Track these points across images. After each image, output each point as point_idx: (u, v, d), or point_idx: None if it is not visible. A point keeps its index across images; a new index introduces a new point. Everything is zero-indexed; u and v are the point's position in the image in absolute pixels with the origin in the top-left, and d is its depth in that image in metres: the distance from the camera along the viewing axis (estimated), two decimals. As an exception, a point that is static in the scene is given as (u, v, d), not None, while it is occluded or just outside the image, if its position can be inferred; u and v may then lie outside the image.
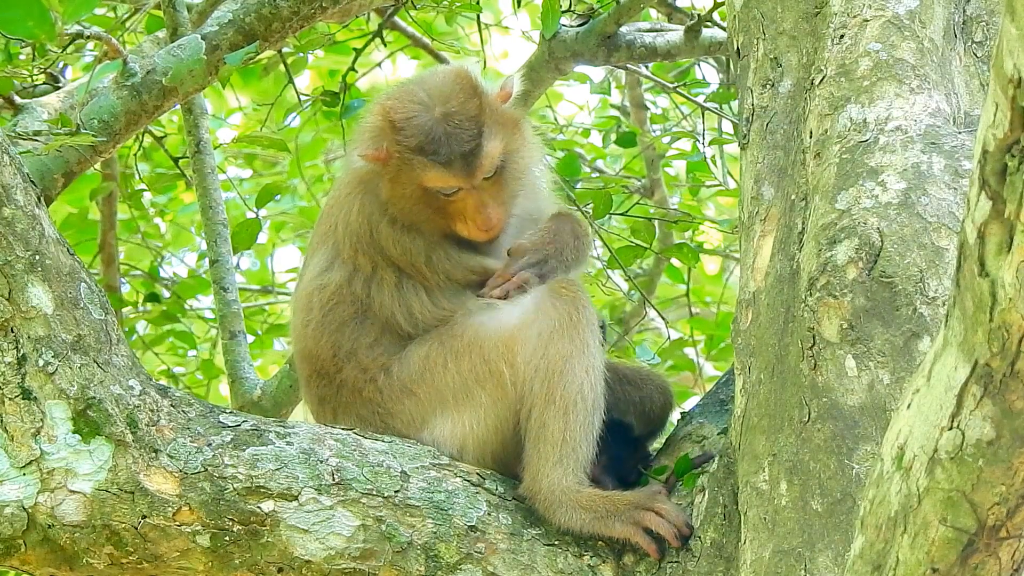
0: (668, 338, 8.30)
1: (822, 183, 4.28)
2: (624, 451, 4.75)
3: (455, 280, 4.75)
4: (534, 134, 4.96)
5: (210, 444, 4.37)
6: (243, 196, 8.26)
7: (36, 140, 5.44)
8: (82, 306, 4.36)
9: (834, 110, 4.35)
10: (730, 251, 9.17)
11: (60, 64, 6.42)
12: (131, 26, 7.49)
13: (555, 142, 8.29)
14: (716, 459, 4.44)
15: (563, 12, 6.86)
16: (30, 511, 4.28)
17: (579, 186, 7.15)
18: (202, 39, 5.79)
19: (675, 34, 6.95)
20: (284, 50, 7.21)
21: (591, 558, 4.42)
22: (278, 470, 4.36)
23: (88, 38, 6.17)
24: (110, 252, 8.48)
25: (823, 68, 4.40)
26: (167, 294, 8.87)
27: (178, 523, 4.31)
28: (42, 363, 4.30)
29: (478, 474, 4.51)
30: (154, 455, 4.33)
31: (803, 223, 4.31)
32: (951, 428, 3.34)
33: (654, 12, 7.57)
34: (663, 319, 8.21)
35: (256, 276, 9.91)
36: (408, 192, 4.71)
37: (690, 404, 4.94)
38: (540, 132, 5.29)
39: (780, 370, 4.23)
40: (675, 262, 7.71)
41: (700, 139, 7.33)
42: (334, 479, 4.37)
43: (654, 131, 8.70)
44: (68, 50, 6.55)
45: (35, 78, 6.13)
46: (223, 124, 8.77)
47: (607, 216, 6.70)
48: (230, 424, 4.42)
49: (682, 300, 8.85)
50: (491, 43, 8.96)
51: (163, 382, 4.57)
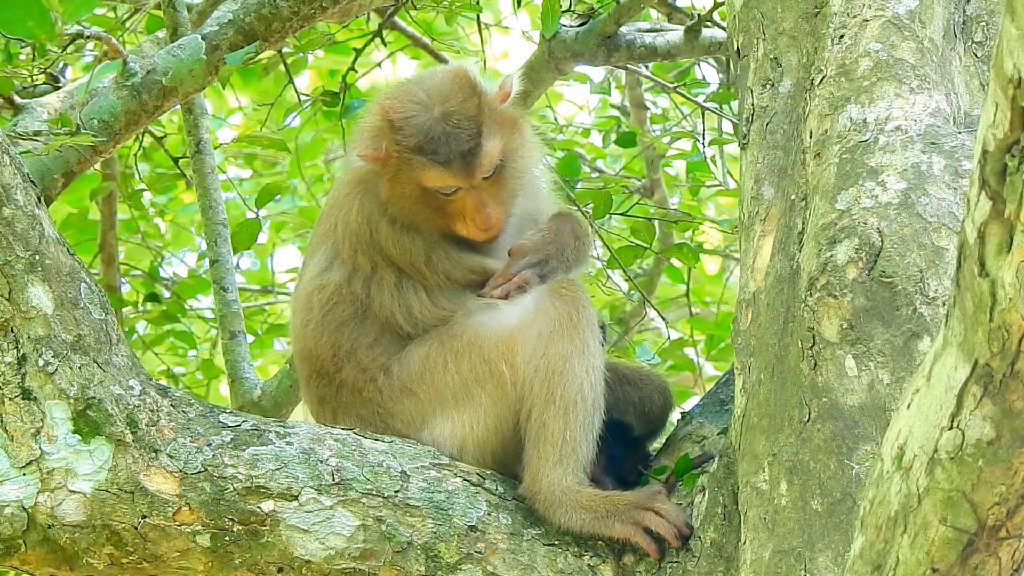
0: (668, 338, 8.30)
1: (822, 183, 4.28)
2: (624, 451, 4.75)
3: (455, 280, 4.75)
4: (533, 134, 4.96)
5: (210, 444, 4.36)
6: (243, 196, 8.25)
7: (36, 140, 5.43)
8: (82, 306, 4.36)
9: (834, 110, 4.34)
10: (730, 251, 9.16)
11: (60, 64, 6.41)
12: (131, 26, 7.49)
13: (555, 142, 8.28)
14: (716, 459, 4.43)
15: (563, 12, 6.86)
16: (30, 511, 4.28)
17: (579, 186, 7.14)
18: (202, 39, 5.79)
19: (675, 34, 6.94)
20: (284, 50, 7.20)
21: (591, 558, 4.42)
22: (278, 470, 4.36)
23: (88, 38, 6.17)
24: (110, 252, 8.47)
25: (823, 68, 4.40)
26: (167, 294, 8.87)
27: (178, 523, 4.31)
28: (42, 363, 4.30)
29: (478, 474, 4.51)
30: (154, 455, 4.33)
31: (803, 223, 4.30)
32: (951, 428, 3.34)
33: (654, 12, 7.57)
34: (663, 319, 8.21)
35: (256, 276, 9.90)
36: (407, 192, 4.71)
37: (690, 404, 4.94)
38: (540, 132, 5.28)
39: (780, 370, 4.23)
40: (675, 262, 7.71)
41: (700, 139, 7.32)
42: (334, 479, 4.37)
43: (654, 131, 8.69)
44: (68, 50, 6.54)
45: (35, 78, 6.12)
46: (223, 124, 8.76)
47: (607, 216, 6.69)
48: (230, 424, 4.42)
49: (682, 300, 8.85)
50: (491, 43, 8.96)
51: (163, 382, 4.57)
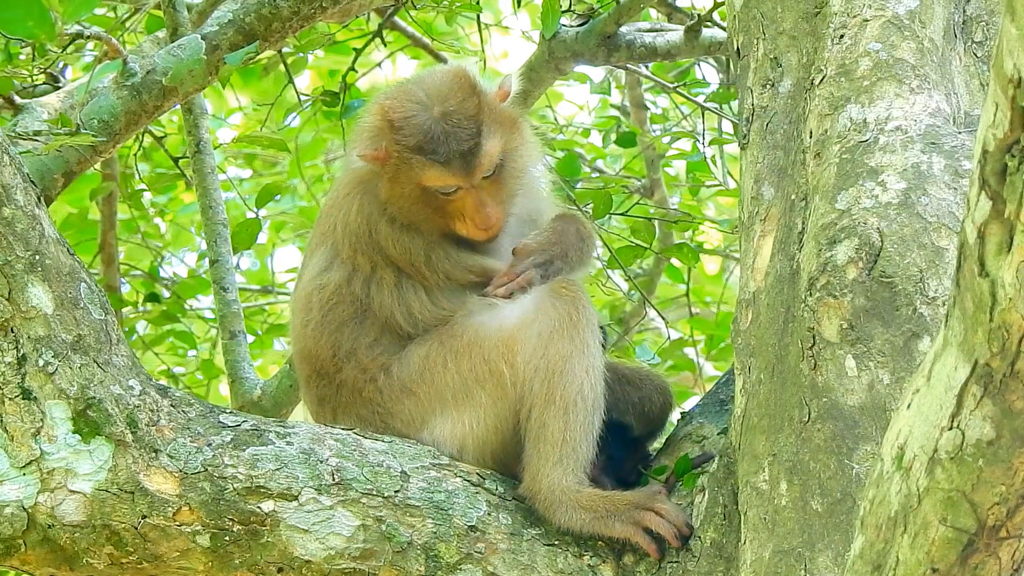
0: (668, 338, 8.30)
1: (822, 183, 4.28)
2: (623, 451, 4.75)
3: (454, 280, 4.75)
4: (533, 133, 4.96)
5: (210, 444, 4.36)
6: (243, 196, 8.25)
7: (36, 140, 5.43)
8: (82, 306, 4.36)
9: (834, 110, 4.34)
10: (730, 251, 9.16)
11: (60, 64, 6.41)
12: (131, 26, 7.49)
13: (555, 142, 8.28)
14: (716, 459, 4.43)
15: (563, 12, 6.86)
16: (30, 511, 4.28)
17: (579, 186, 7.15)
18: (202, 39, 5.79)
19: (675, 34, 6.94)
20: (284, 50, 7.20)
21: (591, 558, 4.42)
22: (278, 470, 4.36)
23: (88, 38, 6.17)
24: (110, 252, 8.47)
25: (823, 68, 4.40)
26: (167, 294, 8.87)
27: (178, 523, 4.31)
28: (42, 363, 4.30)
29: (478, 474, 4.51)
30: (154, 455, 4.33)
31: (803, 223, 4.30)
32: (951, 428, 3.34)
33: (654, 12, 7.57)
34: (663, 319, 8.21)
35: (256, 276, 9.91)
36: (407, 191, 4.71)
37: (690, 404, 4.94)
38: (539, 132, 5.28)
39: (780, 370, 4.23)
40: (675, 262, 7.71)
41: (700, 139, 7.32)
42: (334, 479, 4.37)
43: (654, 131, 8.69)
44: (68, 50, 6.54)
45: (35, 78, 6.12)
46: (223, 124, 8.76)
47: (607, 216, 6.69)
48: (230, 424, 4.42)
49: (682, 300, 8.85)
50: (491, 43, 8.96)
51: (163, 382, 4.57)
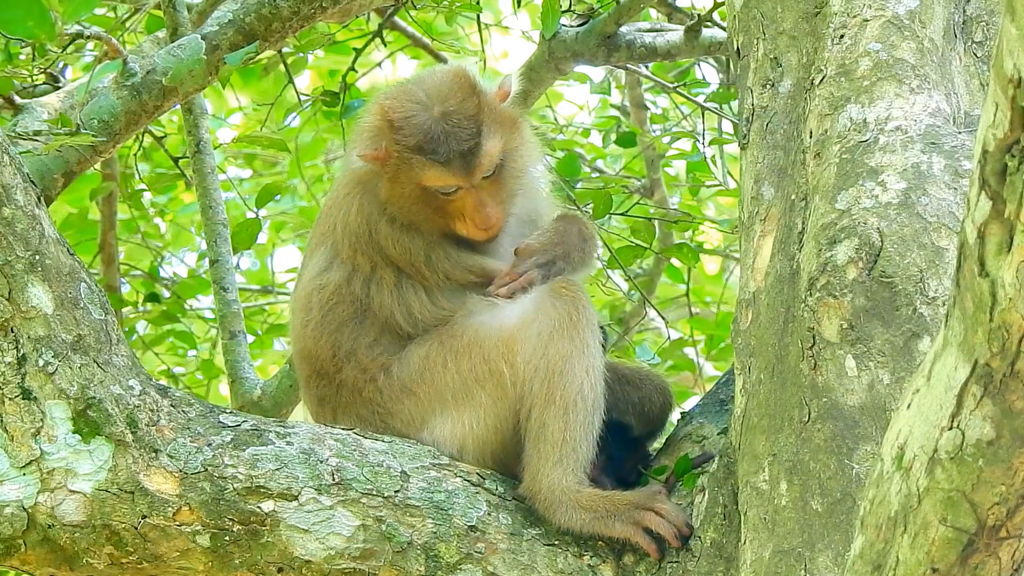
0: (668, 338, 8.30)
1: (822, 183, 4.28)
2: (623, 451, 4.75)
3: (454, 280, 4.75)
4: (533, 133, 4.96)
5: (210, 444, 4.36)
6: (243, 196, 8.25)
7: (36, 140, 5.43)
8: (82, 306, 4.36)
9: (834, 110, 4.34)
10: (730, 251, 9.16)
11: (60, 64, 6.41)
12: (131, 26, 7.49)
13: (555, 142, 8.28)
14: (716, 459, 4.43)
15: (563, 12, 6.86)
16: (30, 511, 4.28)
17: (579, 186, 7.15)
18: (202, 39, 5.79)
19: (675, 34, 6.94)
20: (284, 50, 7.20)
21: (591, 558, 4.42)
22: (278, 470, 4.36)
23: (88, 38, 6.17)
24: (110, 252, 8.47)
25: (823, 68, 4.40)
26: (167, 294, 8.87)
27: (178, 523, 4.31)
28: (42, 363, 4.30)
29: (478, 474, 4.51)
30: (154, 455, 4.33)
31: (803, 223, 4.30)
32: (951, 428, 3.34)
33: (654, 12, 7.57)
34: (663, 319, 8.21)
35: (256, 276, 9.91)
36: (407, 191, 4.71)
37: (690, 404, 4.94)
38: (539, 132, 5.28)
39: (780, 370, 4.23)
40: (675, 262, 7.71)
41: (700, 139, 7.32)
42: (334, 479, 4.37)
43: (654, 131, 8.69)
44: (68, 50, 6.54)
45: (35, 78, 6.12)
46: (223, 124, 8.77)
47: (607, 216, 6.69)
48: (230, 424, 4.42)
49: (682, 300, 8.85)
50: (491, 43, 8.96)
51: (163, 382, 4.57)
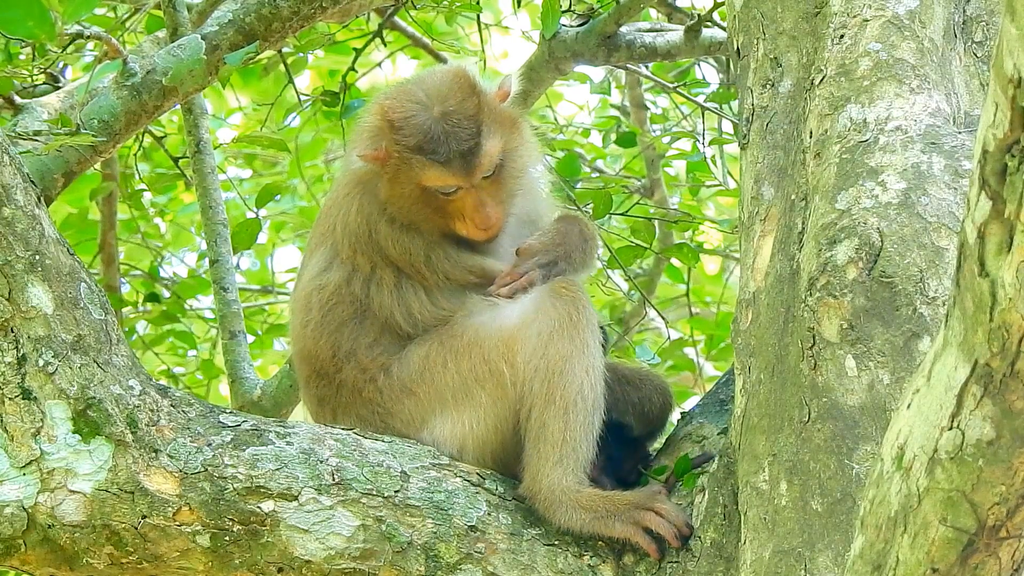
0: (668, 338, 8.30)
1: (822, 183, 4.28)
2: (623, 451, 4.75)
3: (454, 280, 4.75)
4: (532, 133, 4.96)
5: (210, 444, 4.36)
6: (243, 196, 8.25)
7: (36, 140, 5.43)
8: (82, 306, 4.36)
9: (834, 110, 4.34)
10: (730, 251, 9.16)
11: (60, 64, 6.41)
12: (131, 26, 7.49)
13: (555, 142, 8.28)
14: (716, 459, 4.43)
15: (563, 12, 6.86)
16: (30, 511, 4.28)
17: (579, 186, 7.14)
18: (202, 39, 5.79)
19: (675, 34, 6.94)
20: (284, 50, 7.20)
21: (591, 558, 4.42)
22: (278, 470, 4.36)
23: (88, 38, 6.17)
24: (110, 252, 8.47)
25: (823, 68, 4.40)
26: (167, 294, 8.87)
27: (178, 523, 4.31)
28: (42, 363, 4.30)
29: (478, 474, 4.51)
30: (154, 455, 4.33)
31: (803, 223, 4.30)
32: (951, 428, 3.34)
33: (654, 12, 7.57)
34: (663, 319, 8.21)
35: (256, 276, 9.91)
36: (407, 192, 4.71)
37: (690, 404, 4.94)
38: (539, 132, 5.28)
39: (780, 370, 4.23)
40: (675, 262, 7.71)
41: (700, 139, 7.32)
42: (334, 479, 4.37)
43: (654, 131, 8.69)
44: (68, 50, 6.54)
45: (35, 78, 6.12)
46: (223, 124, 8.76)
47: (607, 216, 6.69)
48: (230, 424, 4.42)
49: (682, 300, 8.85)
50: (491, 43, 8.96)
51: (163, 382, 4.57)
